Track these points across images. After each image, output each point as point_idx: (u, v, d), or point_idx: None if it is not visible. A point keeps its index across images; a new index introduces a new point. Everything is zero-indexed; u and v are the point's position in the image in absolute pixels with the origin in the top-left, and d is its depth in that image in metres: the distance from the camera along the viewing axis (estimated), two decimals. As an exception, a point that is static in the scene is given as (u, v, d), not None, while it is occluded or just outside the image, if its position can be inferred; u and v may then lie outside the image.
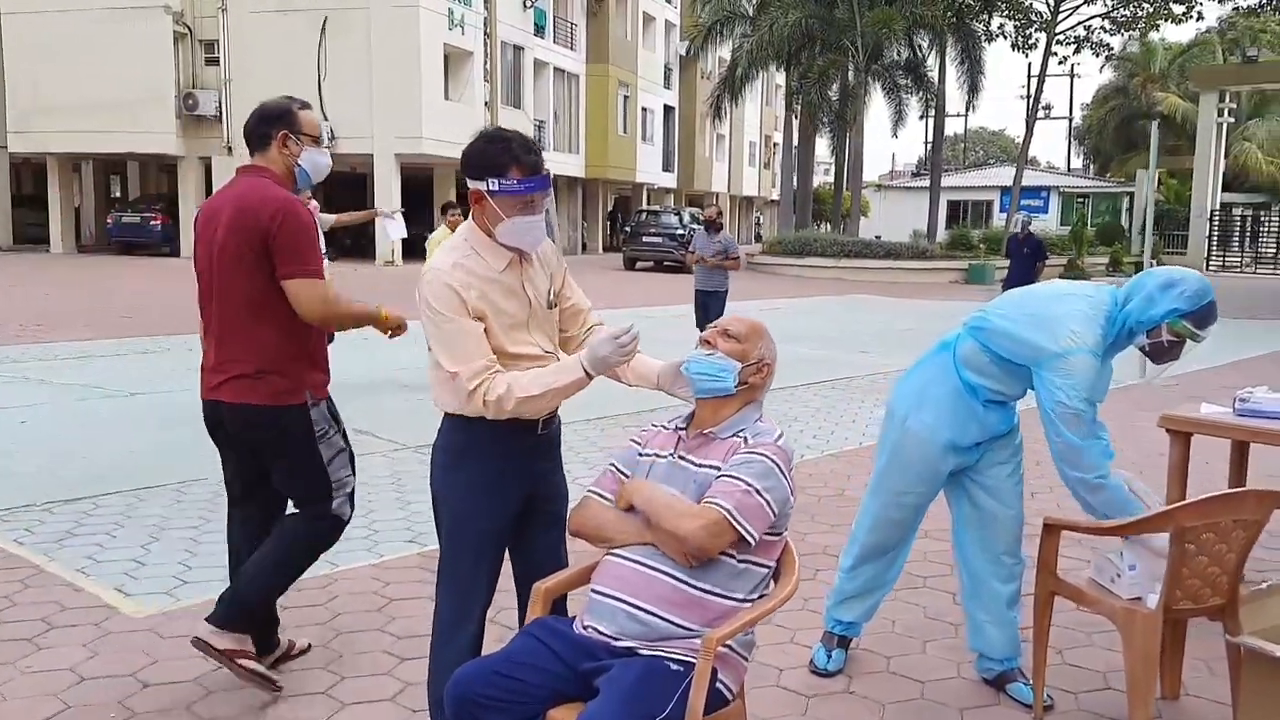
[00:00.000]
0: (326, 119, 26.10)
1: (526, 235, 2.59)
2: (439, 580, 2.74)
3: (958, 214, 40.67)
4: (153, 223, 28.13)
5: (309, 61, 26.17)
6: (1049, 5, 27.67)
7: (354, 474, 3.49)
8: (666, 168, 43.64)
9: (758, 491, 2.31)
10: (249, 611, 3.33)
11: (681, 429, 2.56)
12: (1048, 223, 39.09)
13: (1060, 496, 5.84)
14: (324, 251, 8.11)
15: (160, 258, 27.35)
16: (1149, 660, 2.91)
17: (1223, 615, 2.99)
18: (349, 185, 32.40)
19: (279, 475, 3.31)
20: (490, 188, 2.53)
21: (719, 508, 2.29)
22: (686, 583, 2.32)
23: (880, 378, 10.32)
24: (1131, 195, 39.06)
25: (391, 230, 8.76)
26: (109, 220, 29.19)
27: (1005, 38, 28.61)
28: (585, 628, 2.37)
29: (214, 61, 27.58)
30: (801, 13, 27.92)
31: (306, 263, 3.14)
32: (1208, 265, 31.91)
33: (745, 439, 2.43)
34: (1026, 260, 11.92)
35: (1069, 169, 51.80)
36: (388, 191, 26.63)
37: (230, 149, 27.12)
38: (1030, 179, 37.08)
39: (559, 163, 34.12)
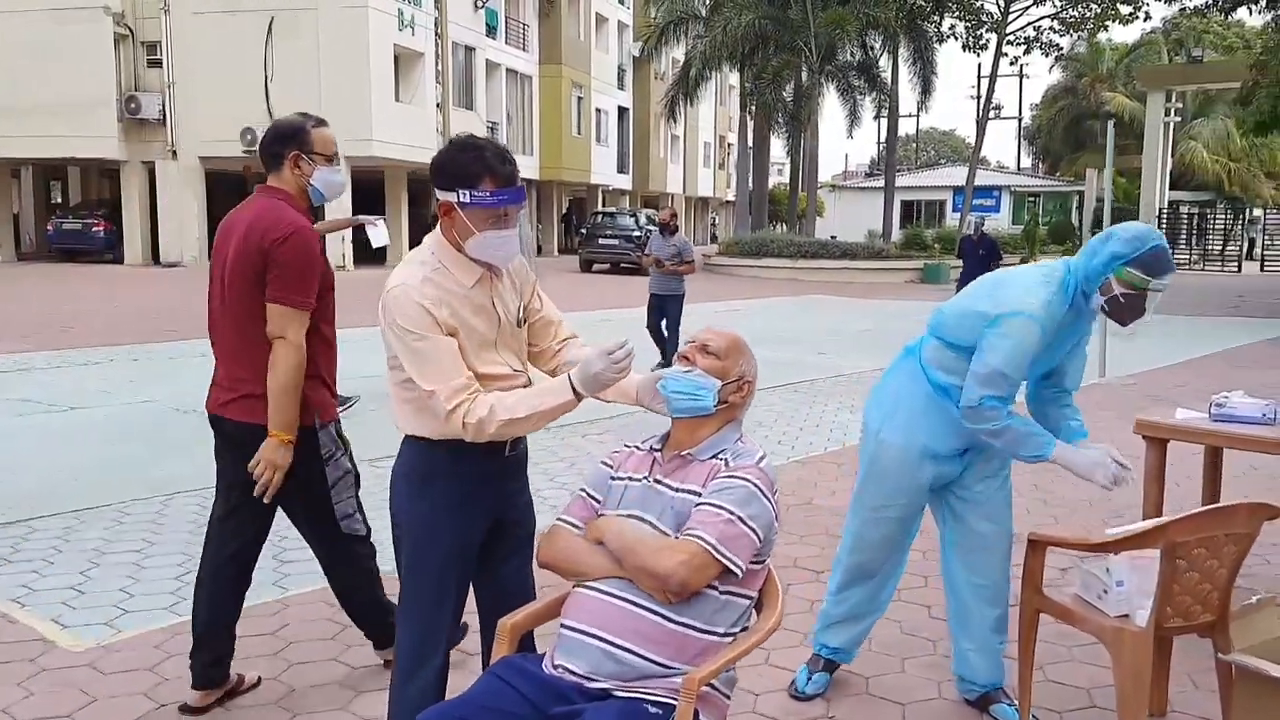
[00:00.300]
0: (273, 120, 25.65)
1: (499, 250, 2.43)
2: (400, 613, 2.56)
3: (911, 214, 40.96)
4: (95, 229, 27.47)
5: (255, 63, 25.69)
6: (999, 6, 27.90)
7: (356, 496, 3.47)
8: (621, 169, 43.51)
9: (741, 520, 2.16)
10: (388, 623, 3.40)
11: (657, 450, 2.40)
12: (1000, 221, 39.49)
13: (1055, 511, 5.78)
14: None
15: (103, 265, 26.69)
16: (1140, 679, 2.81)
17: (1212, 632, 2.90)
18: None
19: (282, 496, 3.21)
20: (461, 199, 2.36)
21: (700, 540, 2.14)
22: (666, 617, 2.16)
23: (843, 379, 10.26)
24: (1081, 194, 39.47)
25: (375, 238, 8.58)
26: (49, 227, 28.44)
27: (956, 39, 28.80)
28: (555, 667, 2.21)
29: (156, 64, 26.97)
30: (755, 13, 27.91)
31: (295, 292, 3.07)
32: (1156, 262, 32.35)
33: (726, 461, 2.28)
34: (981, 260, 11.94)
35: (1019, 168, 52.43)
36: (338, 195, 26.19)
37: (174, 153, 26.57)
38: (982, 178, 37.43)
39: (513, 165, 33.82)
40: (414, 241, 28.21)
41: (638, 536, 2.20)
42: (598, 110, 39.99)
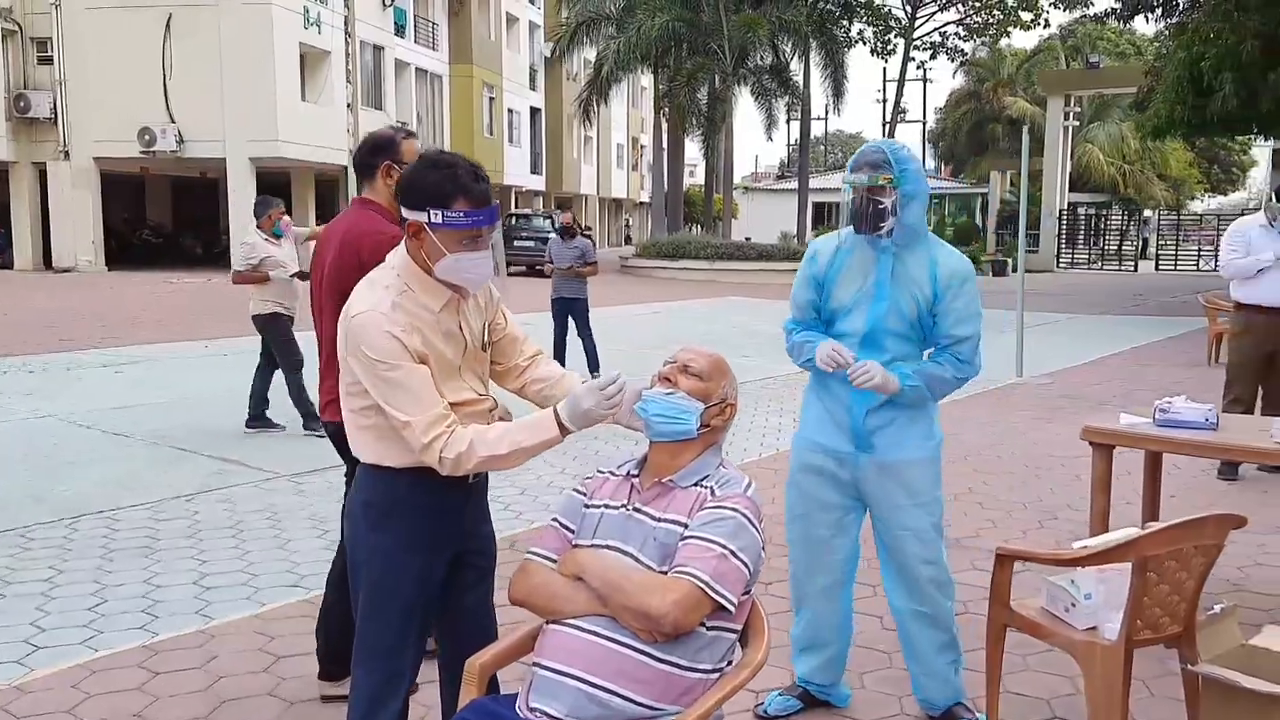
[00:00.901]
0: (173, 121, 24.80)
1: (471, 273, 2.28)
2: (357, 653, 2.38)
3: (823, 215, 41.45)
4: (-19, 233, 26.22)
5: (153, 61, 24.80)
6: (906, 12, 28.42)
7: None
8: (534, 170, 43.20)
9: (733, 553, 2.05)
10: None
11: (634, 476, 2.27)
12: (908, 223, 40.15)
13: (991, 514, 5.80)
14: (299, 270, 7.49)
15: (-8, 269, 25.51)
16: (1112, 693, 2.78)
17: (1179, 643, 2.88)
18: (199, 190, 30.93)
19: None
20: (432, 220, 2.21)
21: (692, 578, 2.01)
22: (650, 655, 2.03)
23: (772, 382, 10.25)
24: (985, 196, 40.53)
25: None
26: (-66, 231, 27.08)
27: (865, 43, 29.25)
28: (531, 710, 2.07)
29: (47, 60, 25.84)
30: (668, 15, 27.94)
31: None
32: (1058, 262, 33.40)
33: (711, 490, 2.16)
34: None
35: (924, 171, 53.51)
36: (242, 197, 25.41)
37: (67, 153, 25.47)
38: (890, 180, 38.07)
39: (424, 166, 33.30)
40: (324, 245, 27.65)
41: (624, 574, 2.07)
42: (509, 110, 39.64)
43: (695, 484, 2.19)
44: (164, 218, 31.77)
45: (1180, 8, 18.77)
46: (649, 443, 2.28)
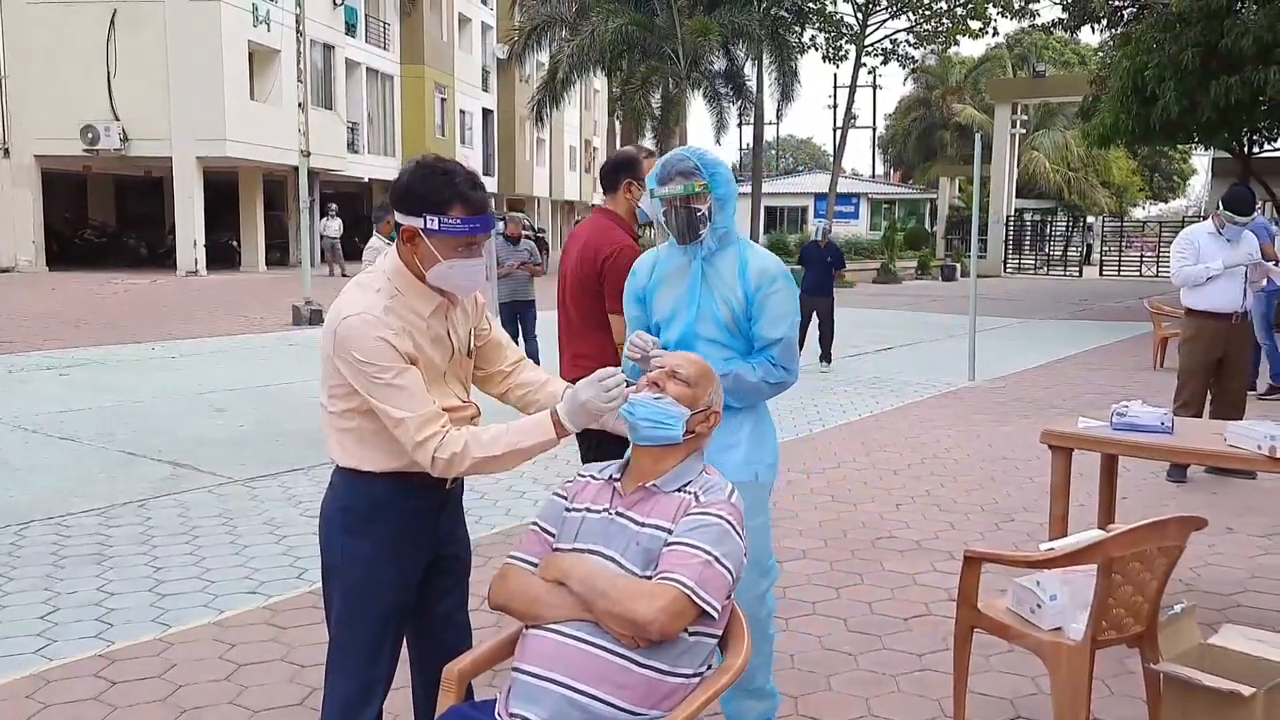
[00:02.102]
0: (117, 119, 24.33)
1: (464, 280, 2.27)
2: (332, 662, 2.35)
3: (774, 220, 41.75)
4: (-82, 231, 25.45)
5: (97, 57, 24.31)
6: (858, 19, 28.71)
7: None
8: (487, 171, 42.94)
9: (717, 560, 2.05)
10: None
11: (616, 479, 2.26)
12: (858, 228, 40.67)
13: (950, 517, 5.86)
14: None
15: (-71, 269, 24.80)
16: (1078, 694, 2.82)
17: (1141, 642, 2.94)
18: (144, 190, 30.35)
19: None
20: (428, 226, 2.19)
21: (678, 585, 2.01)
22: (632, 660, 2.03)
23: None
24: (933, 201, 41.12)
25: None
26: None
27: (818, 49, 29.52)
28: (511, 715, 2.05)
29: (-13, 55, 25.22)
30: (623, 19, 27.93)
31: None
32: (1005, 267, 33.93)
33: (696, 496, 2.16)
34: (826, 266, 12.17)
35: (874, 176, 54.15)
36: (188, 196, 25.01)
37: (6, 151, 24.86)
38: (842, 186, 38.43)
39: (375, 166, 33.03)
40: (269, 246, 26.98)
41: (610, 580, 2.06)
42: (462, 112, 39.39)
43: (679, 489, 2.19)
44: (107, 217, 31.11)
45: (1124, 19, 19.17)
46: (632, 446, 2.27)
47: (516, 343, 10.24)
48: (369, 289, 2.25)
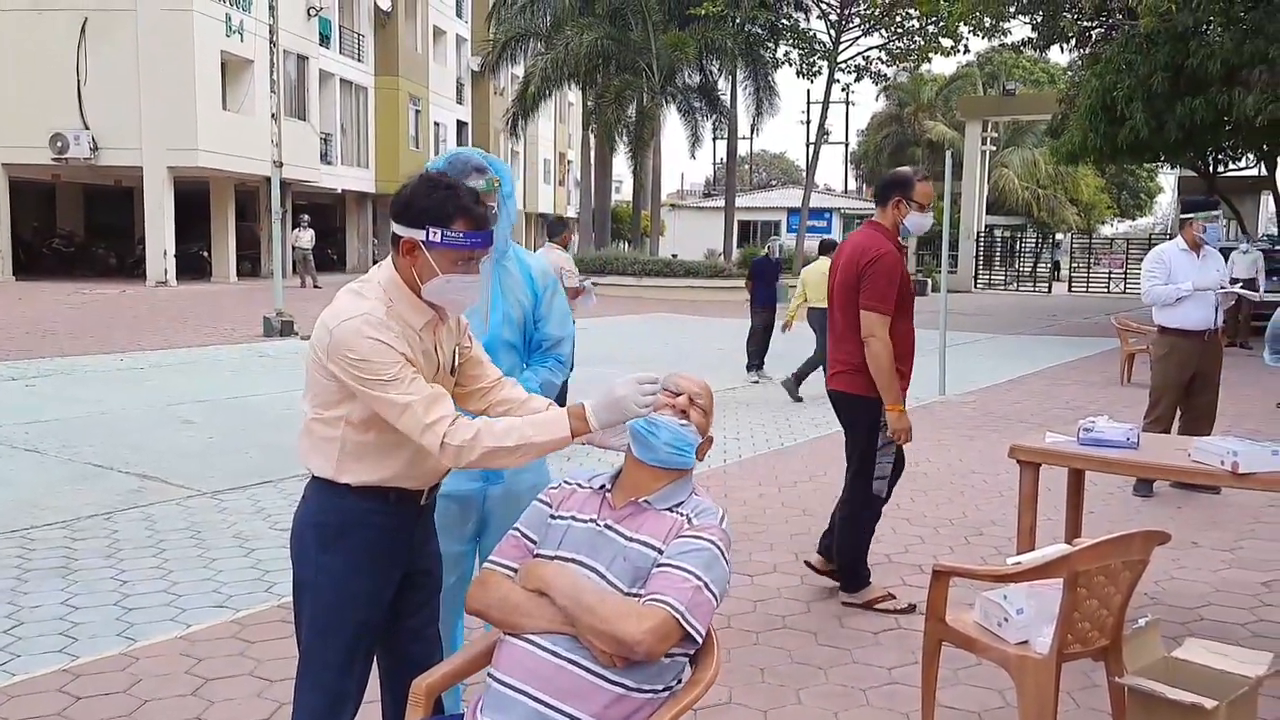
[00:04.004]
0: (87, 127, 24.11)
1: (460, 295, 2.28)
2: (301, 676, 2.34)
3: (748, 233, 41.90)
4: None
5: (67, 66, 24.08)
6: (831, 36, 28.92)
7: (893, 470, 4.50)
8: (460, 184, 42.84)
9: (706, 585, 2.06)
10: (851, 568, 4.51)
11: (606, 490, 2.26)
12: (831, 242, 40.86)
13: (919, 530, 5.89)
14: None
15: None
16: (1044, 707, 2.85)
17: (1105, 656, 2.97)
18: (113, 199, 30.06)
19: (847, 446, 4.52)
20: (430, 238, 2.20)
21: (668, 607, 2.01)
22: (602, 676, 2.03)
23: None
24: (905, 217, 41.34)
25: (583, 306, 8.81)
26: None
27: (791, 64, 29.70)
28: (482, 725, 2.05)
29: (-46, 62, 24.92)
30: (597, 33, 28.02)
31: (879, 300, 4.22)
32: (975, 283, 34.23)
33: (688, 518, 2.16)
34: (775, 281, 12.54)
35: (846, 191, 54.46)
36: (159, 206, 24.79)
37: (-25, 158, 24.55)
38: (815, 200, 38.66)
39: (347, 177, 32.91)
40: (240, 257, 26.73)
41: (599, 597, 2.06)
42: (436, 123, 39.33)
43: (670, 508, 2.19)
44: (76, 227, 30.75)
45: (1093, 39, 19.44)
46: (625, 459, 2.28)
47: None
48: (366, 297, 2.25)
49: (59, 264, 27.83)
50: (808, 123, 49.94)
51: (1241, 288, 7.35)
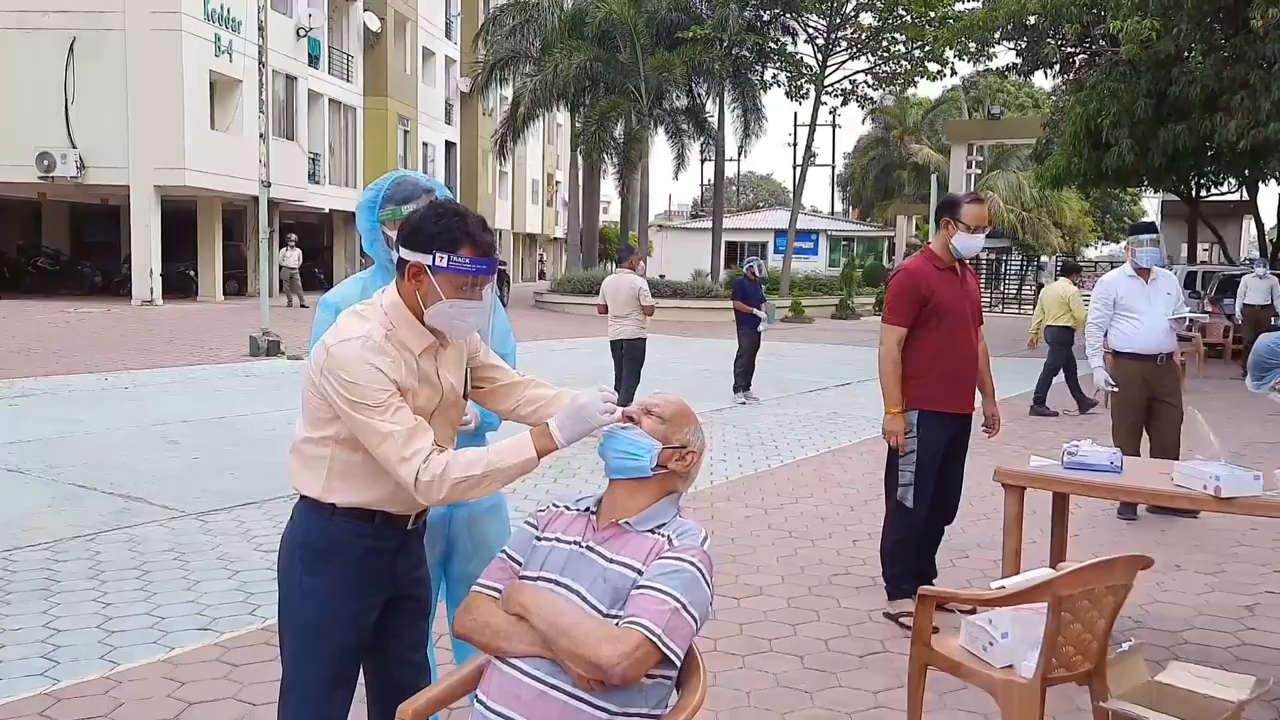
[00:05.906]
0: (74, 146, 24.07)
1: (461, 321, 2.29)
2: (283, 701, 2.33)
3: (735, 254, 42.03)
4: None
5: (55, 85, 24.04)
6: (818, 60, 29.16)
7: (919, 480, 4.60)
8: (449, 204, 42.89)
9: (685, 608, 2.05)
10: (894, 578, 4.69)
11: (592, 512, 2.27)
12: (818, 264, 41.08)
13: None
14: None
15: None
16: (1028, 731, 2.85)
17: (1090, 680, 2.98)
18: (100, 218, 29.99)
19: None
20: (437, 263, 2.22)
21: (644, 630, 2.01)
22: (584, 701, 2.03)
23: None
24: (891, 238, 41.63)
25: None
26: None
27: (779, 86, 29.94)
28: (465, 752, 2.04)
29: (-59, 81, 24.86)
30: (586, 55, 28.17)
31: (890, 312, 4.63)
32: (961, 305, 34.34)
33: (669, 539, 2.16)
34: (757, 301, 12.67)
35: (833, 213, 54.78)
36: (145, 225, 24.73)
37: (-38, 176, 24.45)
38: (801, 222, 38.88)
39: (336, 197, 32.89)
40: (227, 276, 26.62)
41: (575, 620, 2.05)
42: (425, 144, 39.40)
43: (652, 530, 2.19)
44: (62, 245, 30.64)
45: (1076, 65, 19.64)
46: (608, 481, 2.29)
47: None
48: (367, 319, 2.27)
49: (44, 282, 27.71)
50: (794, 145, 50.28)
51: (1261, 309, 7.35)
